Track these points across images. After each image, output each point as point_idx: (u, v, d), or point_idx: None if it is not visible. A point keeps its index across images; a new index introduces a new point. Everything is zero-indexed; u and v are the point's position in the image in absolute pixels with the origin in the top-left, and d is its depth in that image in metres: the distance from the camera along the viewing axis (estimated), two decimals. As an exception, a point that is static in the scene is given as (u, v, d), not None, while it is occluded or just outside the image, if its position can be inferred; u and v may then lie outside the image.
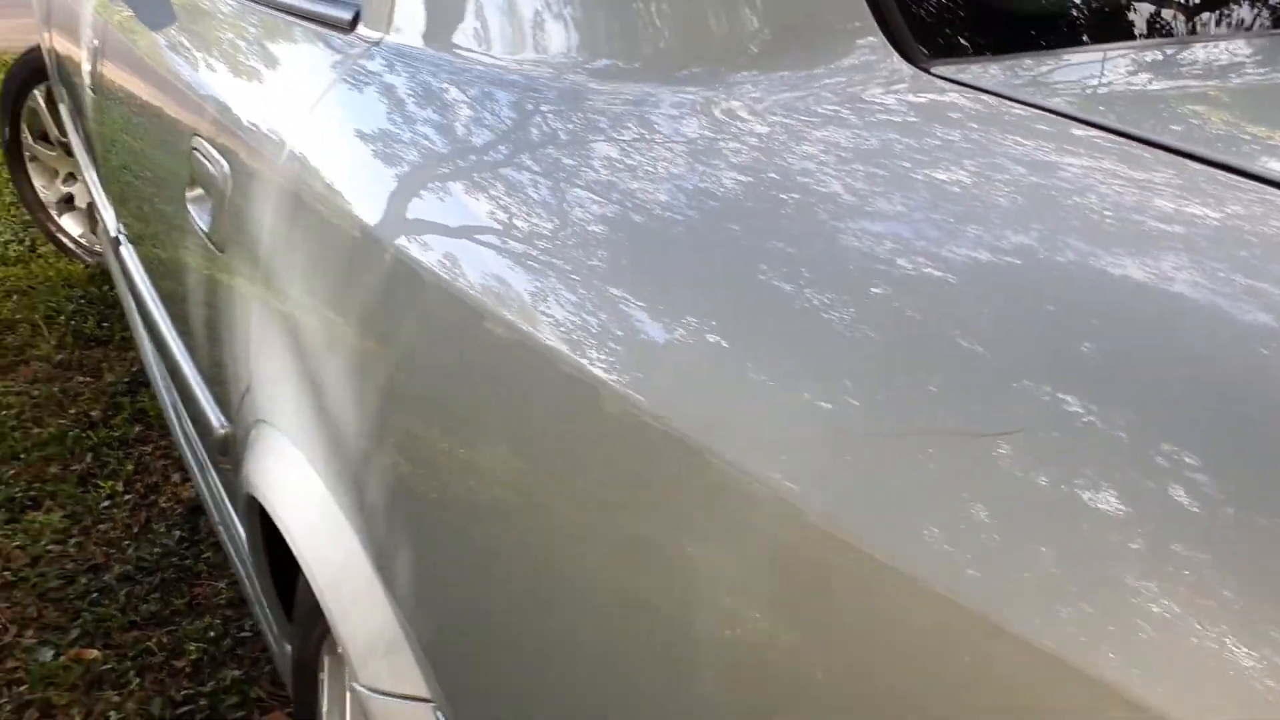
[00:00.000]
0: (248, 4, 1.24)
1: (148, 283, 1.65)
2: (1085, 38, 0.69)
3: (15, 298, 2.98)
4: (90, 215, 3.17)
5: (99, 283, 3.07)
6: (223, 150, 1.06)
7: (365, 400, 0.78)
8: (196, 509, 2.12)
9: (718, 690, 0.48)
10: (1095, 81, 0.63)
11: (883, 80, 0.61)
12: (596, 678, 0.56)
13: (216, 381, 1.29)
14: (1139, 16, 0.72)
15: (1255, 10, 0.74)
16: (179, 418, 1.75)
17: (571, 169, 0.64)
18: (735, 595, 0.46)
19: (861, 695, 0.42)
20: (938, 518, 0.40)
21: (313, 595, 1.08)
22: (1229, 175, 0.49)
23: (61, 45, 2.41)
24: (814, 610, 0.43)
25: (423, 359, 0.70)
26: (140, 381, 2.57)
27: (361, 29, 0.95)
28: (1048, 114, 0.56)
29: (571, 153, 0.66)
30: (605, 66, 0.72)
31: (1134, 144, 0.52)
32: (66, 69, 2.41)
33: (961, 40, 0.66)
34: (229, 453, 1.27)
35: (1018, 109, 0.56)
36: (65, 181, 3.19)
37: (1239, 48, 0.71)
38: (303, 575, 1.15)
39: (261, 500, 0.97)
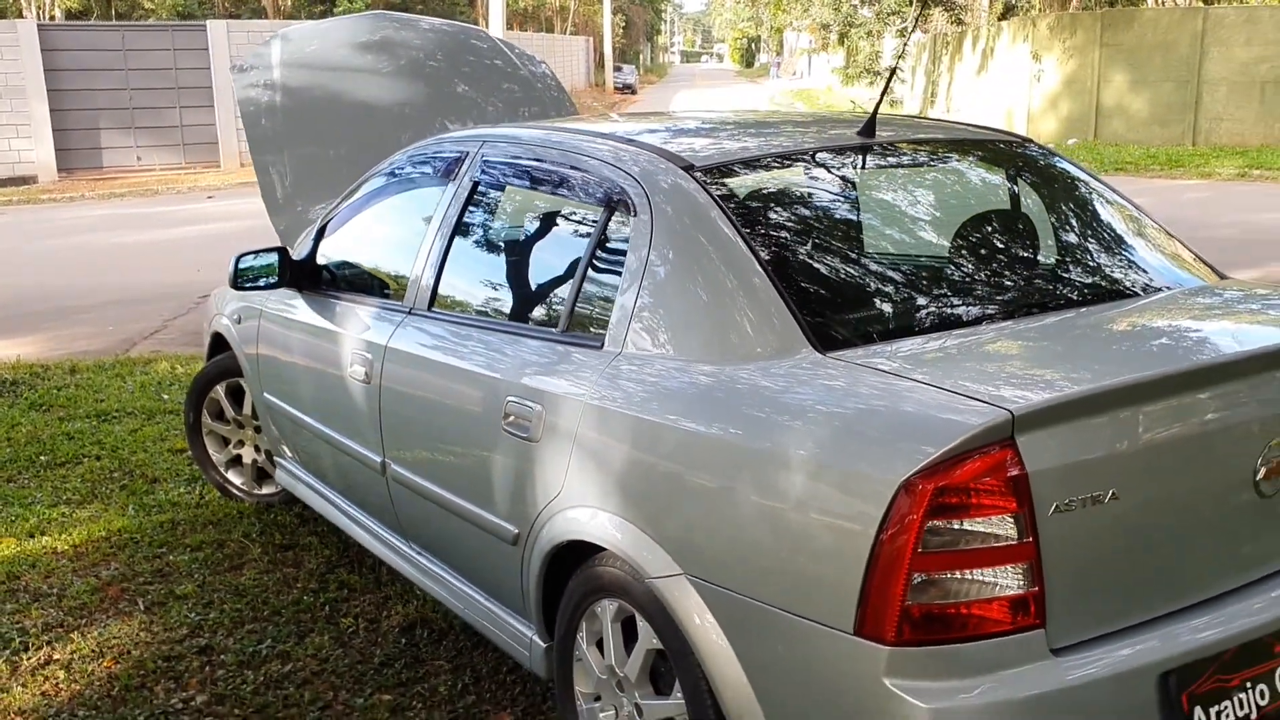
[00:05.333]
0: (511, 335, 2.79)
1: (421, 477, 3.09)
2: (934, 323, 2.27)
3: (211, 527, 4.34)
4: (254, 469, 4.58)
5: (264, 513, 4.45)
6: (537, 400, 2.57)
7: (654, 495, 2.28)
8: (407, 628, 3.49)
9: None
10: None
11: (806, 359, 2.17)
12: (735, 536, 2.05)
13: (506, 507, 2.74)
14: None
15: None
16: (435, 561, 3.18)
17: (718, 399, 2.19)
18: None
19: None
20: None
21: (586, 590, 2.51)
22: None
23: (286, 363, 3.89)
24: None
25: (674, 473, 2.21)
26: (334, 565, 3.95)
27: (605, 347, 2.50)
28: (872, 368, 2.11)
29: (724, 389, 2.20)
30: (724, 355, 2.26)
31: None
32: (288, 375, 3.89)
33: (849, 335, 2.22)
34: (518, 542, 2.71)
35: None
36: (235, 446, 4.61)
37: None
38: (569, 590, 2.58)
39: (586, 535, 2.42)
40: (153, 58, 20.71)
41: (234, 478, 4.63)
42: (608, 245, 2.66)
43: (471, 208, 3.16)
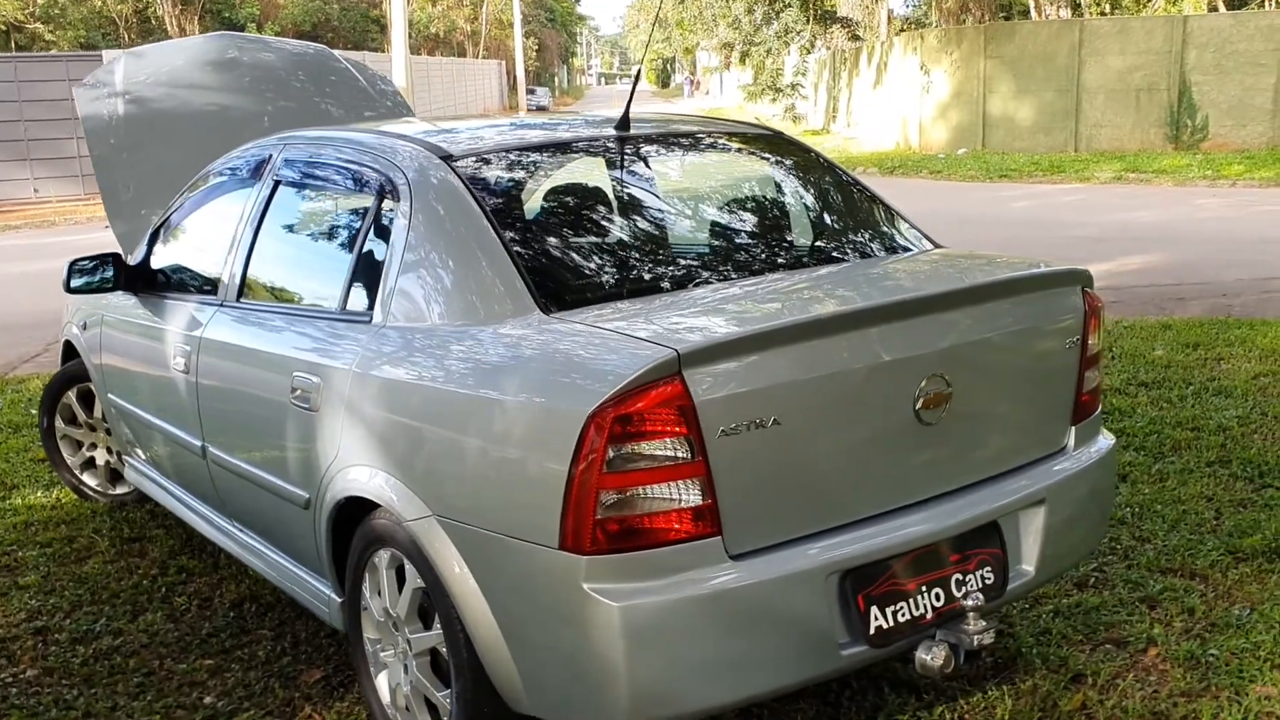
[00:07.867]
0: (298, 316, 3.06)
1: (232, 455, 3.33)
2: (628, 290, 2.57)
3: (64, 525, 4.52)
4: (107, 470, 4.76)
5: (116, 511, 4.65)
6: (316, 373, 2.84)
7: (407, 448, 2.55)
8: (237, 603, 3.72)
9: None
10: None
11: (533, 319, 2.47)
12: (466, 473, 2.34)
13: (298, 474, 2.99)
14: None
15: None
16: (244, 532, 3.42)
17: (467, 353, 2.48)
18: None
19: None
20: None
21: (365, 543, 2.78)
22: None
23: (125, 363, 4.11)
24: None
25: (423, 426, 2.49)
26: (177, 553, 4.16)
27: (374, 320, 2.77)
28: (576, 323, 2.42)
29: (460, 349, 2.49)
30: (468, 320, 2.56)
31: None
32: (127, 375, 4.11)
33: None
34: (309, 506, 2.97)
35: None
36: (88, 449, 4.80)
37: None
38: (353, 545, 2.84)
39: (359, 491, 2.68)
40: (48, 89, 20.53)
41: (89, 479, 4.81)
42: (379, 230, 2.94)
43: (273, 204, 3.42)
